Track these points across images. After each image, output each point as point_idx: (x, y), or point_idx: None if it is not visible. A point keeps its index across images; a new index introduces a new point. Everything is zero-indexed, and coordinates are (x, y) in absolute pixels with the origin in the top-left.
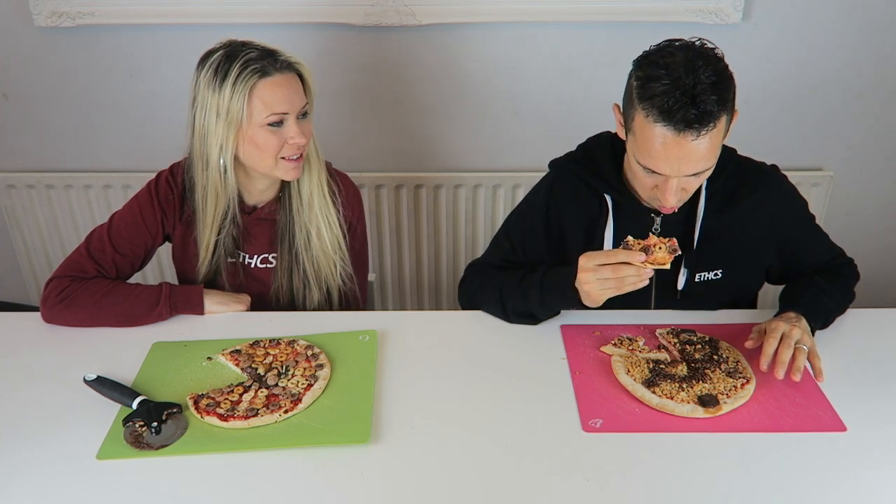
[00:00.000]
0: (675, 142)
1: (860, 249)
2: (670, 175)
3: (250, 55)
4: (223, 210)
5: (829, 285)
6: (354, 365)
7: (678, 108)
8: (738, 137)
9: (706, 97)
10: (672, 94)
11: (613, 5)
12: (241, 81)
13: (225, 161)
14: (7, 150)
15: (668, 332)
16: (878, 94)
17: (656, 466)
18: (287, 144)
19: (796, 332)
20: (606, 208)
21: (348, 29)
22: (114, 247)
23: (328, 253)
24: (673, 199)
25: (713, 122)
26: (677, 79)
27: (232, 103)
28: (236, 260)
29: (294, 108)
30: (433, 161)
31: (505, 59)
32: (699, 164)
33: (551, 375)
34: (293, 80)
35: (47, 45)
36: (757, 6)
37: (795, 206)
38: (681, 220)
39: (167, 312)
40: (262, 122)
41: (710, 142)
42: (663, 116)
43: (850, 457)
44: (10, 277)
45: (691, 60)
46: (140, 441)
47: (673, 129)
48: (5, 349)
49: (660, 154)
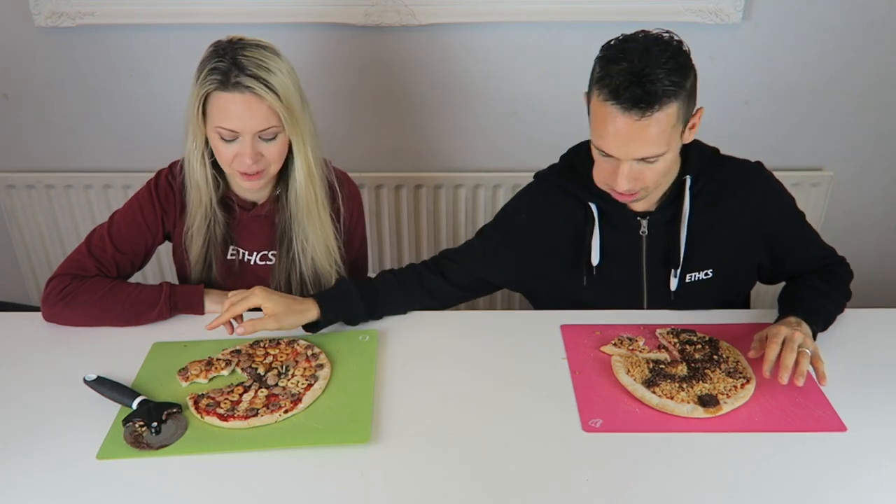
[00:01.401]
0: (623, 122)
1: (860, 249)
2: (619, 157)
3: (221, 64)
4: (206, 200)
5: (826, 286)
6: (354, 365)
7: (626, 86)
8: (739, 137)
9: (654, 78)
10: (621, 75)
11: (613, 5)
12: (201, 84)
13: (198, 147)
14: (7, 150)
15: (668, 332)
16: (878, 94)
17: (656, 466)
18: (237, 159)
19: (798, 336)
20: (592, 217)
21: (348, 29)
22: (114, 245)
23: (322, 262)
24: (624, 183)
25: (659, 104)
26: (630, 61)
27: (195, 101)
28: (235, 257)
29: (247, 130)
30: (433, 161)
31: (505, 59)
32: (647, 147)
33: (551, 375)
34: (251, 101)
35: (47, 45)
36: (757, 6)
37: (782, 202)
38: (666, 222)
39: (167, 312)
40: (213, 129)
41: (658, 126)
42: (612, 95)
43: (850, 457)
44: (10, 277)
45: (648, 47)
46: (140, 441)
47: (620, 108)
48: (5, 349)
49: (609, 133)
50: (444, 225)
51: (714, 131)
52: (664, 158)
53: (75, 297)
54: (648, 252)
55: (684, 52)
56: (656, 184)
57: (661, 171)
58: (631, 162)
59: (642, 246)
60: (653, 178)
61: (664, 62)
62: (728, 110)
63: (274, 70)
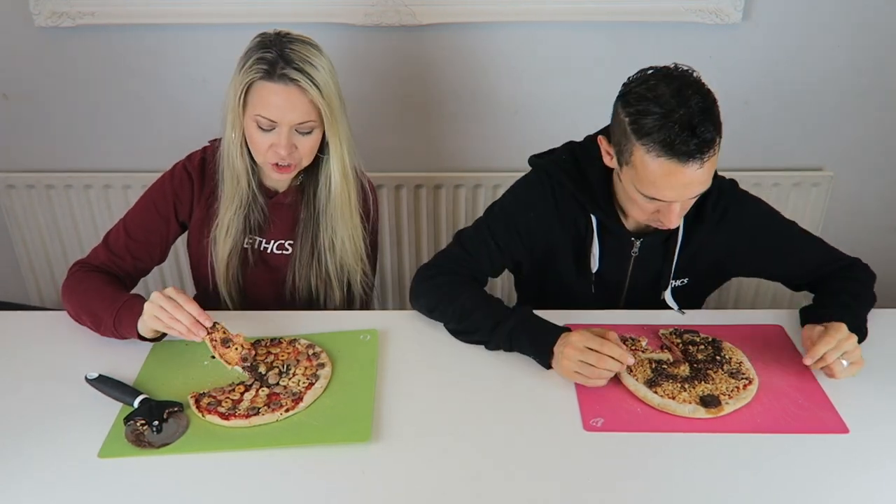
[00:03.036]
0: (680, 171)
1: (860, 249)
2: (673, 200)
3: (267, 54)
4: (245, 187)
5: (854, 301)
6: (355, 364)
7: (679, 141)
8: (739, 137)
9: (703, 126)
10: (671, 127)
11: (613, 5)
12: (246, 72)
13: (236, 137)
14: (7, 150)
15: (670, 333)
16: (878, 94)
17: (657, 466)
18: (271, 150)
19: (850, 343)
20: (592, 228)
21: (348, 29)
22: (126, 232)
23: (349, 260)
24: (677, 221)
25: (713, 148)
26: (671, 111)
27: (237, 88)
28: (252, 244)
29: (286, 121)
30: (433, 161)
31: (505, 59)
32: (702, 186)
33: (552, 374)
34: (294, 94)
35: (47, 45)
36: (757, 6)
37: (757, 215)
38: (660, 243)
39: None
40: (252, 117)
41: (710, 165)
42: (666, 151)
43: (851, 459)
44: (10, 277)
45: (679, 90)
46: (141, 439)
47: (677, 161)
48: (6, 349)
49: (664, 184)
50: (444, 225)
51: None
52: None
53: (69, 289)
54: (635, 268)
55: (704, 85)
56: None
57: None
58: (683, 200)
59: (629, 264)
60: (689, 206)
61: (699, 102)
62: (728, 110)
63: (318, 66)
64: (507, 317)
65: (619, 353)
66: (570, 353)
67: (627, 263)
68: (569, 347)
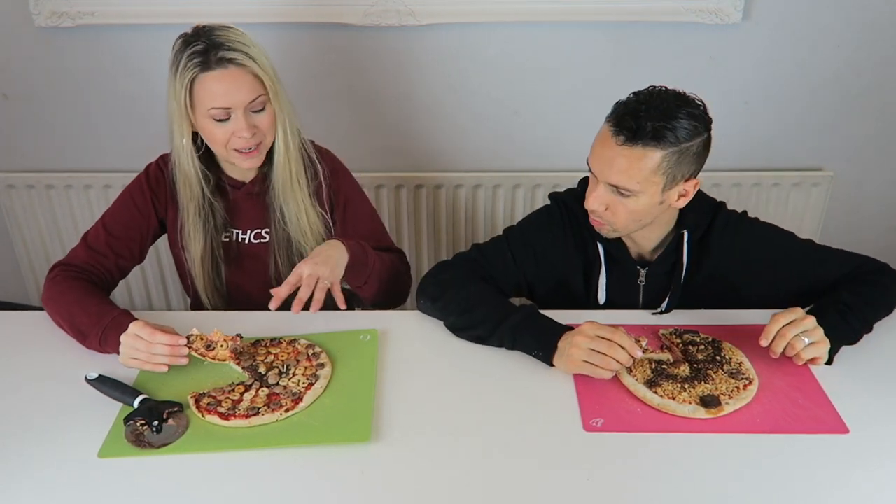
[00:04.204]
0: (609, 142)
1: (860, 249)
2: (597, 176)
3: (197, 47)
4: (197, 191)
5: (854, 299)
6: (355, 364)
7: (624, 114)
8: (739, 137)
9: (650, 119)
10: (628, 102)
11: (613, 5)
12: (183, 73)
13: (185, 145)
14: (7, 150)
15: (670, 333)
16: (878, 94)
17: (657, 467)
18: (234, 137)
19: (809, 322)
20: (599, 257)
21: (348, 29)
22: (107, 230)
23: (308, 236)
24: (592, 201)
25: (642, 142)
26: (645, 101)
27: (178, 93)
28: (230, 238)
29: (238, 103)
30: (433, 161)
31: (505, 59)
32: (616, 175)
33: (552, 374)
34: (237, 74)
35: (47, 45)
36: (757, 6)
37: (768, 240)
38: (665, 273)
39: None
40: (204, 113)
41: (629, 161)
42: (612, 117)
43: (851, 459)
44: (10, 277)
45: (670, 97)
46: (141, 440)
47: (611, 130)
48: (6, 349)
49: (597, 152)
50: (444, 225)
51: (714, 131)
52: (636, 200)
53: (50, 294)
54: (644, 301)
55: (703, 119)
56: (625, 224)
57: (632, 211)
58: (605, 185)
59: (639, 294)
60: (623, 215)
61: (673, 113)
62: (728, 110)
63: (247, 43)
64: (512, 313)
65: (628, 343)
66: (579, 342)
67: (636, 293)
68: (578, 336)
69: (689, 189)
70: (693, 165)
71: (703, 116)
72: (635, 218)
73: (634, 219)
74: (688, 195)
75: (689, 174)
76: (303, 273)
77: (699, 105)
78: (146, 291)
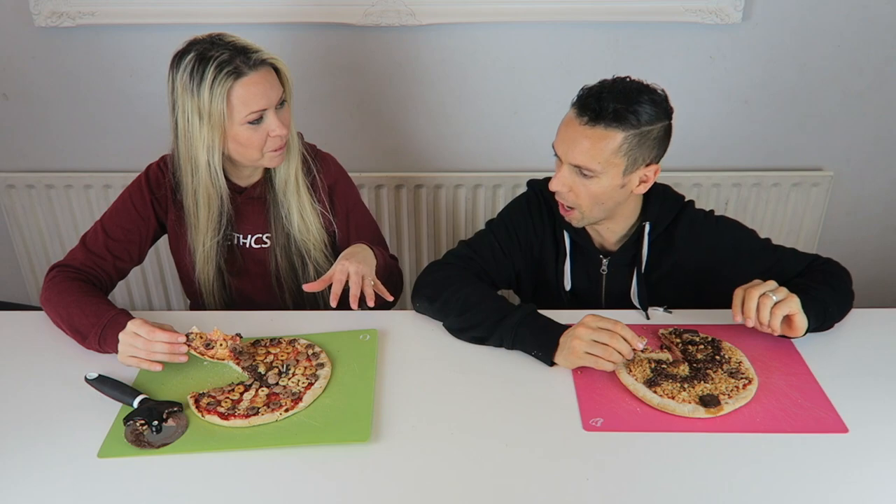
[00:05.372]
0: (573, 123)
1: (860, 249)
2: (561, 157)
3: (222, 57)
4: (217, 210)
5: (811, 282)
6: (355, 364)
7: (588, 96)
8: (739, 137)
9: (613, 101)
10: (594, 88)
11: (613, 5)
12: (218, 84)
13: (213, 162)
14: (7, 150)
15: (670, 332)
16: (878, 94)
17: (657, 466)
18: (270, 138)
19: (771, 283)
20: (564, 246)
21: (348, 29)
22: (105, 232)
23: (309, 235)
24: (556, 182)
25: (604, 123)
26: (606, 84)
27: (212, 106)
28: (231, 242)
29: (272, 102)
30: (433, 161)
31: (505, 59)
32: (580, 155)
33: (552, 374)
34: (268, 74)
35: (47, 45)
36: (757, 6)
37: (732, 237)
38: (626, 263)
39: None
40: (242, 120)
41: (591, 142)
42: (576, 101)
43: (851, 458)
44: (10, 277)
45: (633, 84)
46: (141, 440)
47: (575, 111)
48: (6, 349)
49: (562, 133)
50: (444, 225)
51: (714, 131)
52: (598, 182)
53: (48, 295)
54: (607, 289)
55: (663, 107)
56: (589, 206)
57: (594, 193)
58: (569, 167)
59: (602, 283)
60: (585, 197)
61: (633, 94)
62: (728, 110)
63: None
64: (512, 312)
65: (630, 334)
66: (582, 333)
67: (599, 281)
68: (581, 328)
69: (650, 175)
70: (654, 150)
71: (664, 104)
72: (598, 201)
73: (598, 202)
74: (648, 181)
75: (650, 159)
76: (350, 271)
77: (661, 94)
78: (146, 292)
